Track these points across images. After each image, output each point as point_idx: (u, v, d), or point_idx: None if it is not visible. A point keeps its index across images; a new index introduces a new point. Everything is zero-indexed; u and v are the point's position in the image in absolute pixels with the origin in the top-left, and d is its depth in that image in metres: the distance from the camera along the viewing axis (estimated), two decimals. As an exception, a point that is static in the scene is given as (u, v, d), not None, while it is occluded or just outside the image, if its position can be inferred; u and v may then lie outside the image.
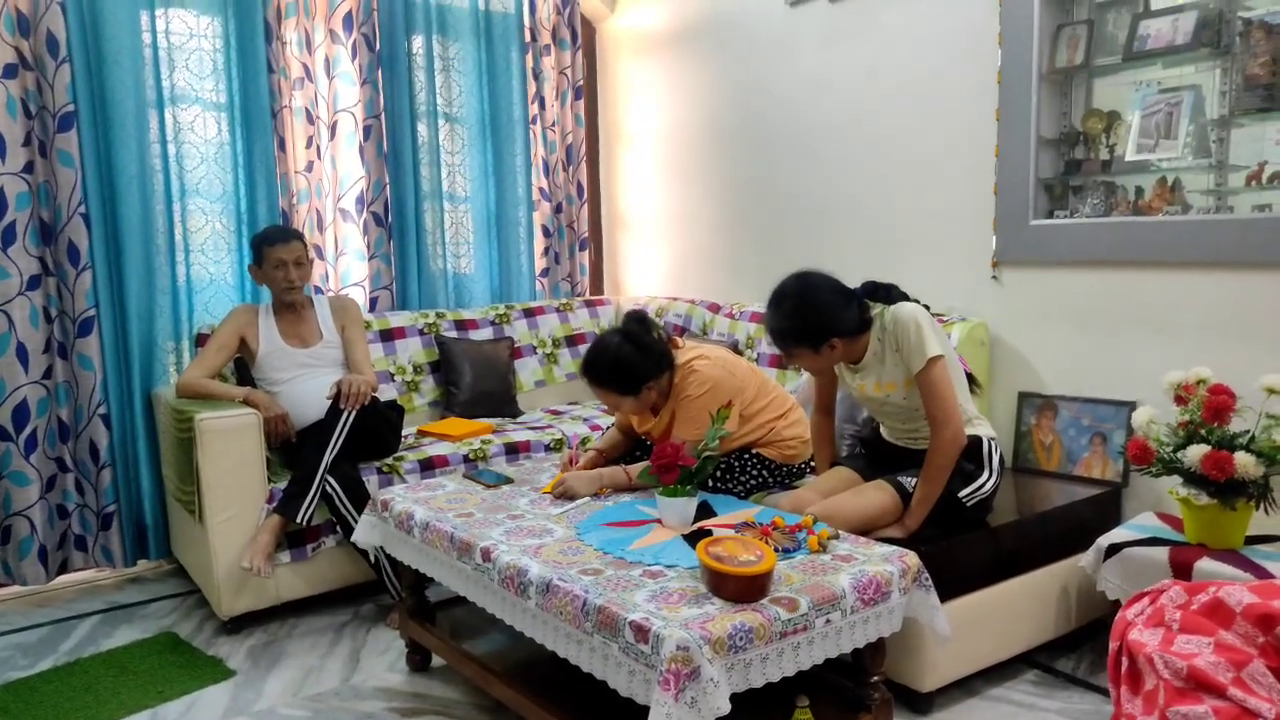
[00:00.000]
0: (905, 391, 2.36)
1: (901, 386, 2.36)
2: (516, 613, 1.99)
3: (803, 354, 2.37)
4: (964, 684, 2.40)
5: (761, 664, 1.70)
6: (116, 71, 3.23)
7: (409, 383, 3.74)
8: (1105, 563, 2.36)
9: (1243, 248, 2.50)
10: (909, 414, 2.41)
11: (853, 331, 2.36)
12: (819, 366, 2.45)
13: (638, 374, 2.48)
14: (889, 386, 2.38)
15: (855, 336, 2.37)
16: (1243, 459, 2.17)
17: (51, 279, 3.22)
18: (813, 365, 2.44)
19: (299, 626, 2.97)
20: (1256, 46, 2.49)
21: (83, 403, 3.27)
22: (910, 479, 2.35)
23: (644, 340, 2.50)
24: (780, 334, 2.37)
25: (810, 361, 2.40)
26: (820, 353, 2.35)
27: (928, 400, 2.30)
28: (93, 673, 2.67)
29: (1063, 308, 2.92)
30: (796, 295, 2.35)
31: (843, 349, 2.36)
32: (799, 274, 2.39)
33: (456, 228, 4.13)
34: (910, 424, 2.44)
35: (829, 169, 3.60)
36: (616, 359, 2.48)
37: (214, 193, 3.52)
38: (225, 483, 2.84)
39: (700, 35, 4.10)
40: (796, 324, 2.34)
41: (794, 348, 2.36)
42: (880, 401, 2.44)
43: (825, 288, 2.35)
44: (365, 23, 3.76)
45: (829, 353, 2.35)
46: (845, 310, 2.34)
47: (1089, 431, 2.85)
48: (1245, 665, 1.48)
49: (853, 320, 2.35)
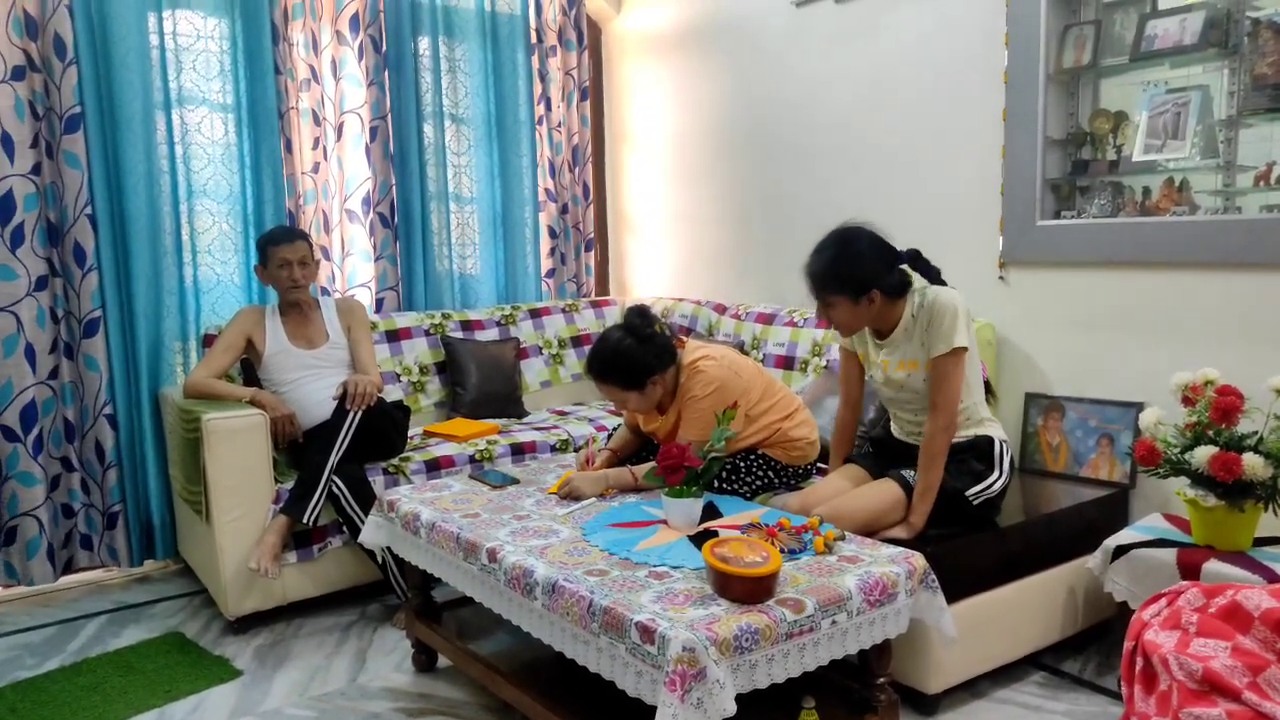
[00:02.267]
0: (926, 374, 2.37)
1: (924, 368, 2.37)
2: (523, 613, 1.99)
3: (840, 302, 2.35)
4: (970, 685, 2.40)
5: (767, 665, 1.69)
6: (124, 73, 3.24)
7: (415, 383, 3.74)
8: (1112, 564, 2.35)
9: (1250, 248, 2.49)
10: (924, 403, 2.41)
11: (892, 292, 2.36)
12: (852, 321, 2.41)
13: (640, 367, 2.48)
14: (911, 365, 2.39)
15: (892, 299, 2.37)
16: (1251, 460, 2.16)
17: (58, 280, 3.23)
18: (847, 319, 2.39)
19: (305, 627, 2.97)
20: (1265, 46, 2.48)
21: (89, 403, 3.27)
22: (914, 473, 2.35)
23: (645, 333, 2.50)
24: (820, 278, 2.36)
25: (847, 313, 2.37)
26: (859, 304, 2.34)
27: (935, 385, 2.31)
28: (99, 672, 2.68)
29: (1070, 308, 2.91)
30: (841, 242, 2.36)
31: (880, 307, 2.35)
32: (843, 226, 2.40)
33: (462, 228, 4.14)
34: (922, 416, 2.44)
35: (835, 169, 3.60)
36: (618, 352, 2.48)
37: (221, 194, 3.53)
38: (232, 483, 2.84)
39: (706, 36, 4.10)
40: (839, 269, 2.33)
41: (833, 295, 2.35)
42: (898, 386, 2.43)
43: (868, 241, 2.36)
44: (372, 24, 3.77)
45: (868, 306, 2.34)
46: (887, 269, 2.35)
47: (1096, 433, 2.84)
48: (1262, 670, 1.47)
49: (894, 280, 2.36)
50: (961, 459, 2.37)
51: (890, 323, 2.41)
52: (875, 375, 2.51)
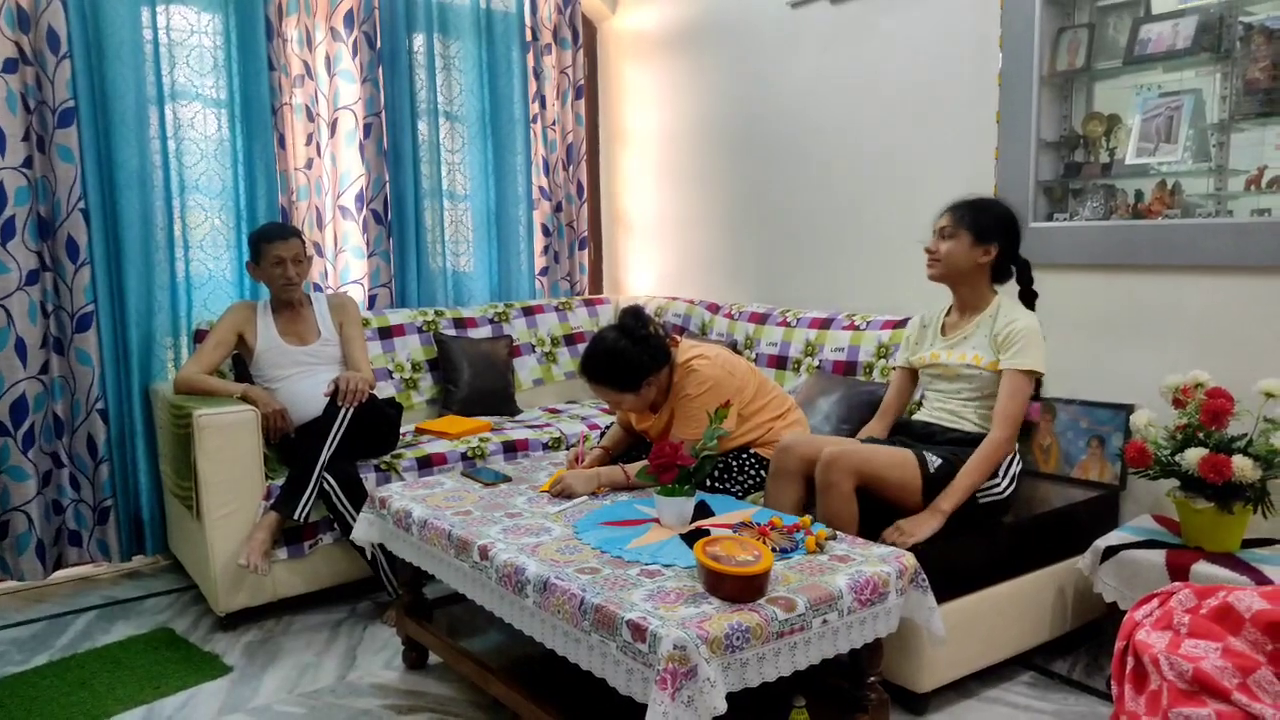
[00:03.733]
0: (990, 373, 2.40)
1: (985, 367, 2.41)
2: (514, 611, 1.99)
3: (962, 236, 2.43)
4: (960, 685, 2.40)
5: (758, 664, 1.70)
6: (117, 67, 3.22)
7: (407, 380, 3.74)
8: (1102, 565, 2.36)
9: (1241, 252, 2.50)
10: (973, 395, 2.45)
11: (1005, 261, 2.48)
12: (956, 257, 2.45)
13: (636, 369, 2.48)
14: (975, 359, 2.43)
15: (997, 270, 2.49)
16: (1240, 462, 2.17)
17: (49, 274, 3.21)
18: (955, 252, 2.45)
19: (295, 623, 2.96)
20: (1257, 51, 2.49)
21: (80, 398, 3.26)
22: (935, 457, 2.36)
23: (640, 334, 2.50)
24: (966, 205, 2.48)
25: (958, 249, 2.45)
26: (974, 249, 2.44)
27: (1005, 397, 2.35)
28: (88, 668, 2.67)
29: (1062, 310, 2.92)
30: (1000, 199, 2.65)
31: (985, 266, 2.46)
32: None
33: (456, 226, 4.13)
34: (955, 403, 2.48)
35: (829, 169, 3.61)
36: (613, 354, 2.48)
37: (214, 189, 3.52)
38: (223, 479, 2.84)
39: (701, 35, 4.10)
40: (994, 209, 2.50)
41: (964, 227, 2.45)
42: (955, 375, 2.47)
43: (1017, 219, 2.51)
44: (366, 20, 3.76)
45: (982, 254, 2.44)
46: (1014, 245, 2.49)
47: (1087, 434, 2.85)
48: (1252, 672, 1.48)
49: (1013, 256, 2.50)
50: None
51: (975, 301, 2.49)
52: (940, 358, 2.52)
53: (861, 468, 2.28)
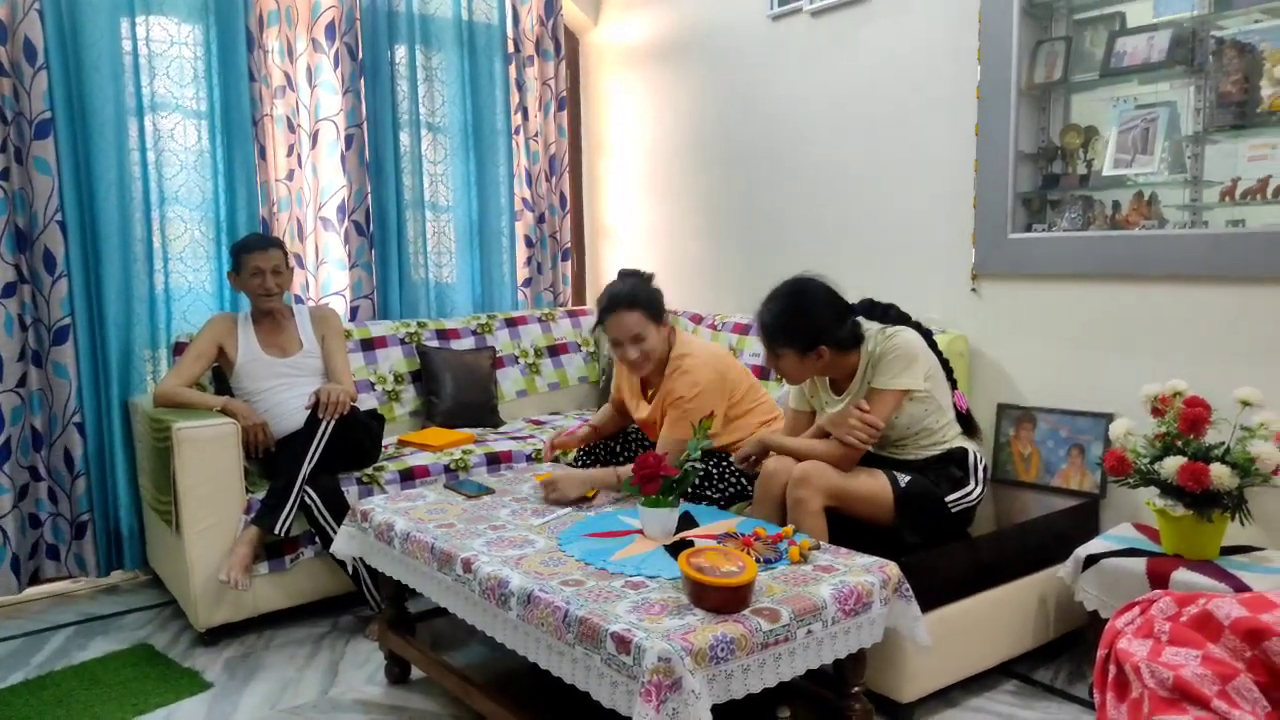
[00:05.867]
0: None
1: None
2: (498, 624, 1.98)
3: (788, 354, 2.35)
4: (944, 694, 2.41)
5: (743, 675, 1.69)
6: (95, 78, 3.20)
7: (390, 392, 3.72)
8: (1083, 573, 2.38)
9: (1217, 262, 2.53)
10: (895, 438, 2.42)
11: (842, 345, 2.36)
12: (798, 373, 2.41)
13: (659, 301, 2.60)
14: None
15: (844, 351, 2.37)
16: (1218, 470, 2.19)
17: (27, 286, 3.18)
18: (794, 370, 2.39)
19: (277, 638, 2.94)
20: (1229, 65, 2.53)
21: (57, 411, 3.23)
22: (905, 475, 2.35)
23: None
24: (770, 330, 2.36)
25: (794, 365, 2.37)
26: (806, 358, 2.34)
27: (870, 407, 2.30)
28: (65, 686, 2.63)
29: (1041, 320, 2.95)
30: (792, 295, 2.36)
31: (830, 360, 2.35)
32: (797, 278, 2.40)
33: (438, 237, 4.12)
34: (891, 448, 2.45)
35: (810, 180, 3.63)
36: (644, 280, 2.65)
37: (193, 200, 3.50)
38: (203, 492, 2.81)
39: (683, 47, 4.12)
40: (789, 322, 2.33)
41: (782, 346, 2.35)
42: None
43: (820, 296, 2.36)
44: (348, 32, 3.75)
45: (815, 359, 2.34)
46: (837, 323, 2.34)
47: (1067, 443, 2.87)
48: (1232, 679, 1.49)
49: (845, 335, 2.35)
50: (942, 466, 2.39)
51: (845, 372, 2.41)
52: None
53: (831, 485, 2.28)
